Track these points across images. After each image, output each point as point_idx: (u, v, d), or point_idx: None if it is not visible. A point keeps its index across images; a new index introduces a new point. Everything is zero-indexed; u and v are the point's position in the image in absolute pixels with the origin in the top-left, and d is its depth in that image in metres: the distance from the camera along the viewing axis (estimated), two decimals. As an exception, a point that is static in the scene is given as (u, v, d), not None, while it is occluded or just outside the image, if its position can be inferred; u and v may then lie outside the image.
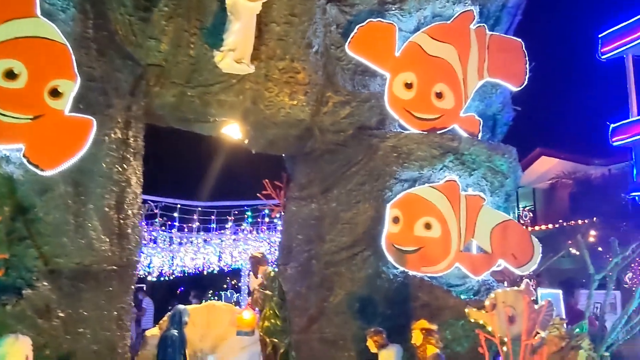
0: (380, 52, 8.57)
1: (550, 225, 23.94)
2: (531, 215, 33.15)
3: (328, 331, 8.32)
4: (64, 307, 6.56)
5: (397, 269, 8.17)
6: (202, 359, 8.93)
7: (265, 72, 8.38)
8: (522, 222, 32.18)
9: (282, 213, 10.35)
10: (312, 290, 8.79)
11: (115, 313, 7.23)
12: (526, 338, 6.58)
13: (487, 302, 7.51)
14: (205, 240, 23.63)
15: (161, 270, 26.23)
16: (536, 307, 7.71)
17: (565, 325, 6.99)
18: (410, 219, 8.26)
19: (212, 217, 20.21)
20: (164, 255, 25.15)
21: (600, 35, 19.42)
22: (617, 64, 19.98)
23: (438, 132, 8.68)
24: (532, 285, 9.24)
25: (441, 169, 8.61)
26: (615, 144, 18.71)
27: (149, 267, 26.34)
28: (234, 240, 23.65)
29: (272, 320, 7.95)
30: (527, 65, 9.40)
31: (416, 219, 8.30)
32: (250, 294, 8.50)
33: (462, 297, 8.26)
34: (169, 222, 20.00)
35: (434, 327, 6.19)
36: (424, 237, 8.30)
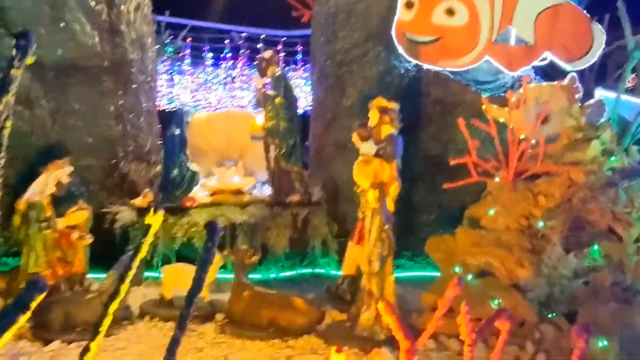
0: None
1: None
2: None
3: (339, 134, 7.77)
4: (50, 98, 6.70)
5: (411, 63, 7.16)
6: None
7: None
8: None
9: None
10: (328, 94, 8.17)
11: (112, 109, 7.31)
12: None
13: (513, 98, 6.37)
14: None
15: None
16: (581, 105, 6.42)
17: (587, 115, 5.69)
18: (427, 3, 7.00)
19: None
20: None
21: None
22: None
23: None
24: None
25: (473, -61, 7.01)
26: None
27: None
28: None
29: (274, 121, 7.60)
30: None
31: (435, 3, 7.02)
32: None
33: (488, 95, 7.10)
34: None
35: (392, 105, 5.32)
36: (444, 25, 7.05)
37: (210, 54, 19.27)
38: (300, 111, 11.14)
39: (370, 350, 4.89)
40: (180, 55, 18.30)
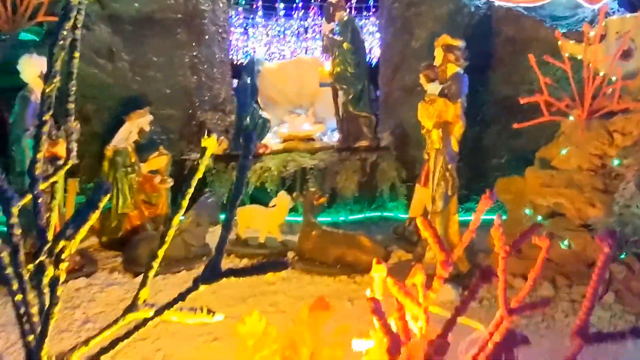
0: None
1: None
2: None
3: (407, 78, 7.70)
4: (129, 51, 7.08)
5: (481, 0, 6.89)
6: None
7: None
8: None
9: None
10: (396, 37, 8.06)
11: (187, 60, 7.62)
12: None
13: (590, 32, 6.03)
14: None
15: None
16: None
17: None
18: None
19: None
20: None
21: None
22: None
23: None
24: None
25: None
26: None
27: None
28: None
29: (342, 67, 7.64)
30: None
31: None
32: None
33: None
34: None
35: (457, 42, 5.18)
36: (517, -43, 6.70)
37: (282, 4, 19.28)
38: (374, 60, 11.05)
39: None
40: (253, 6, 18.39)
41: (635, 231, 4.48)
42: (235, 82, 9.06)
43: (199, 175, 2.00)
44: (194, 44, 7.72)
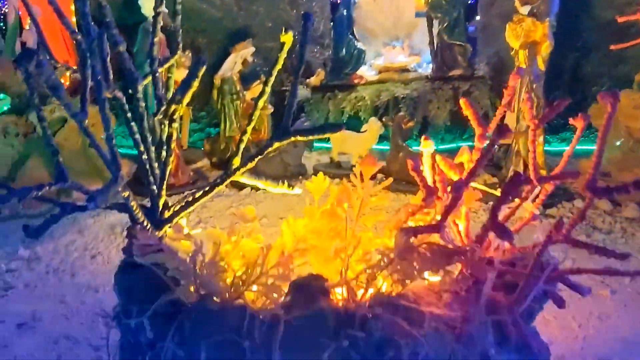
0: None
1: None
2: None
3: (507, 5, 7.50)
4: (235, -14, 7.61)
5: None
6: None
7: None
8: None
9: None
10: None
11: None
12: None
13: None
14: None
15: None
16: None
17: None
18: None
19: None
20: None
21: None
22: None
23: None
24: None
25: None
26: None
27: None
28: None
29: (437, -7, 7.63)
30: None
31: None
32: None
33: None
34: None
35: None
36: None
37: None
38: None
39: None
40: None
41: None
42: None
43: (279, 66, 2.42)
44: (293, -22, 8.09)
